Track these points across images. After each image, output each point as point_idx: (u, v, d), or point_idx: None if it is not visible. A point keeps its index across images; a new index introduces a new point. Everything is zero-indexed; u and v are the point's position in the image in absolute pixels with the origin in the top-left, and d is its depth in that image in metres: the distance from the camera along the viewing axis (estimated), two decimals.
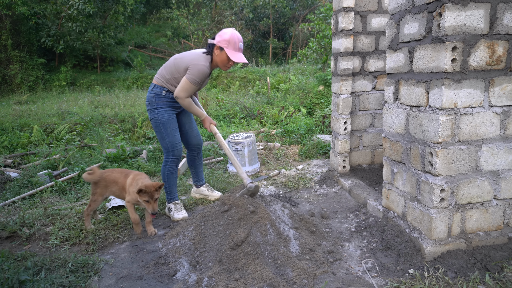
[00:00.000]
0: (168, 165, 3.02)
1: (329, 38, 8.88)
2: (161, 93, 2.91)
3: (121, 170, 2.84)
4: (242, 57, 2.80)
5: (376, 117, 3.90)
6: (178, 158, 3.03)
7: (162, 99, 2.92)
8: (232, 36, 2.76)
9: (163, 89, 2.91)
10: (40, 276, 2.13)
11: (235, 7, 16.02)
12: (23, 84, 12.90)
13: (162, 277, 2.18)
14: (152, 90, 2.93)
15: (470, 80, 2.03)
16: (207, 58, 2.84)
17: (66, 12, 13.04)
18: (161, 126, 2.92)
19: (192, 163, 3.36)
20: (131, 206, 2.65)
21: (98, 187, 2.78)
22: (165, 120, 2.92)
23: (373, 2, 3.64)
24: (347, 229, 2.73)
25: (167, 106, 2.94)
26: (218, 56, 2.83)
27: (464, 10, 1.94)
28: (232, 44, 2.76)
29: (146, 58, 16.66)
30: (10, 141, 5.82)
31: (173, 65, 2.87)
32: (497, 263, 2.06)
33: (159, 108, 2.92)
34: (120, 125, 7.25)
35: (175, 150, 2.98)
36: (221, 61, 2.84)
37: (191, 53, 2.88)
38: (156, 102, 2.91)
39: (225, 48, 2.76)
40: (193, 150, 3.29)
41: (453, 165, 2.10)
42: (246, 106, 8.02)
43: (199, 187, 3.45)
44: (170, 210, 3.06)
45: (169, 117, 2.94)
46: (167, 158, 3.01)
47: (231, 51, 2.77)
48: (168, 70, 2.89)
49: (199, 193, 3.45)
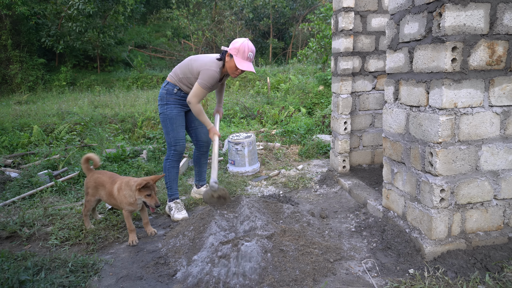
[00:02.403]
0: (169, 160, 3.08)
1: (329, 38, 8.88)
2: (172, 90, 3.03)
3: (111, 174, 2.79)
4: (249, 66, 2.86)
5: (376, 117, 3.90)
6: (180, 154, 3.09)
7: (173, 96, 3.04)
8: (243, 45, 2.83)
9: (175, 87, 3.03)
10: (40, 276, 2.13)
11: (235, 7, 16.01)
12: (23, 84, 12.90)
13: (162, 277, 2.18)
14: (165, 87, 3.06)
15: (470, 80, 2.03)
16: (219, 64, 2.93)
17: (66, 12, 13.05)
18: (168, 120, 3.03)
19: (197, 161, 3.42)
20: (129, 215, 2.60)
21: (89, 188, 2.77)
22: (172, 116, 3.03)
23: (373, 2, 3.64)
24: (347, 229, 2.73)
25: (177, 103, 3.06)
26: (228, 63, 2.92)
27: (464, 10, 1.94)
28: (241, 52, 2.83)
29: (146, 58, 16.67)
30: (10, 141, 5.83)
31: (187, 66, 2.99)
32: (497, 263, 2.06)
33: (169, 104, 3.04)
34: (120, 125, 7.25)
35: (178, 145, 3.05)
36: (230, 68, 2.93)
37: (205, 57, 2.99)
38: (167, 98, 3.04)
39: (234, 56, 2.85)
40: (201, 147, 3.35)
41: (453, 165, 2.10)
42: (246, 106, 8.02)
43: (200, 187, 3.47)
44: (170, 209, 3.07)
45: (177, 113, 3.05)
46: (169, 152, 3.08)
47: (239, 59, 2.85)
48: (182, 70, 3.01)
49: (199, 193, 3.46)
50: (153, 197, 2.54)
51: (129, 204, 2.57)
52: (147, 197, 2.53)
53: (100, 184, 2.73)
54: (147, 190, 2.52)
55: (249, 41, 2.88)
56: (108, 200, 2.70)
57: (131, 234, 2.62)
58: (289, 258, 2.17)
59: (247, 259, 2.13)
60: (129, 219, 2.60)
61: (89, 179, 2.79)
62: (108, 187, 2.68)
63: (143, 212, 2.73)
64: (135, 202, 2.56)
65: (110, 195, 2.66)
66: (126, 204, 2.57)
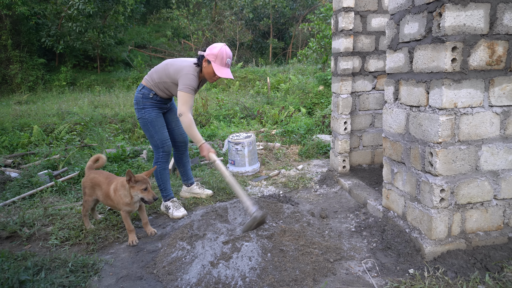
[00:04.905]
0: (159, 162, 3.06)
1: (329, 38, 8.88)
2: (148, 95, 2.98)
3: (107, 175, 2.78)
4: (227, 73, 2.85)
5: (376, 117, 3.90)
6: (168, 154, 3.08)
7: (149, 100, 3.00)
8: (221, 51, 2.80)
9: (151, 92, 2.98)
10: (40, 276, 2.13)
11: (235, 7, 16.02)
12: (23, 84, 12.90)
13: (161, 277, 2.18)
14: (141, 91, 3.00)
15: (470, 80, 2.03)
16: (196, 69, 2.88)
17: (66, 12, 13.05)
18: (149, 124, 3.00)
19: (179, 161, 3.40)
20: (127, 216, 2.60)
21: (86, 187, 2.77)
22: (152, 119, 2.99)
23: (373, 2, 3.64)
24: (347, 229, 2.73)
25: (154, 107, 3.02)
26: (205, 69, 2.89)
27: (464, 10, 1.94)
28: (219, 59, 2.81)
29: (146, 58, 16.67)
30: (10, 141, 5.83)
31: (164, 70, 2.93)
32: (497, 263, 2.06)
33: (146, 108, 3.00)
34: (120, 125, 7.25)
35: (165, 146, 3.04)
36: (207, 74, 2.90)
37: (182, 61, 2.94)
38: (143, 102, 2.99)
39: (212, 62, 2.82)
40: (179, 147, 3.33)
41: (453, 165, 2.10)
42: (246, 106, 8.02)
43: (190, 186, 3.46)
44: (168, 208, 3.08)
45: (156, 116, 3.01)
46: (158, 155, 3.06)
47: (218, 65, 2.83)
48: (158, 74, 2.95)
49: (190, 191, 3.45)
50: (149, 191, 2.55)
51: (126, 205, 2.57)
52: (143, 191, 2.53)
53: (96, 184, 2.73)
54: (141, 185, 2.52)
55: (226, 46, 2.87)
56: (105, 201, 2.70)
57: (131, 235, 2.62)
58: (289, 258, 2.17)
59: (247, 259, 2.13)
60: (127, 220, 2.60)
61: (86, 179, 2.78)
62: (105, 187, 2.68)
63: (142, 212, 2.73)
64: (131, 202, 2.56)
65: (106, 196, 2.66)
66: (123, 205, 2.57)
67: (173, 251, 2.37)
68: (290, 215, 2.75)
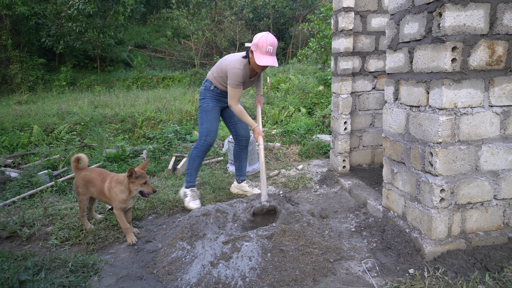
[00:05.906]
0: (197, 149, 3.22)
1: (329, 38, 8.88)
2: (210, 87, 3.23)
3: (100, 171, 2.77)
4: (267, 60, 2.87)
5: (376, 117, 3.90)
6: (209, 146, 3.23)
7: (210, 92, 3.23)
8: (261, 40, 2.86)
9: (212, 85, 3.23)
10: (40, 276, 2.13)
11: (235, 7, 16.01)
12: (23, 84, 12.91)
13: (161, 276, 2.18)
14: (204, 83, 3.28)
15: (470, 80, 2.03)
16: (243, 61, 3.01)
17: (66, 12, 13.06)
18: (203, 112, 3.22)
19: (237, 156, 3.52)
20: (121, 214, 2.58)
21: (78, 187, 2.74)
22: (208, 108, 3.21)
23: (373, 2, 3.64)
24: (347, 229, 2.73)
25: (213, 98, 3.24)
26: (251, 59, 2.98)
27: (464, 10, 1.94)
28: (260, 47, 2.87)
29: (146, 58, 16.68)
30: (10, 141, 5.83)
31: (219, 65, 3.15)
32: (497, 263, 2.06)
33: (206, 98, 3.24)
34: (120, 125, 7.26)
35: (209, 136, 3.19)
36: (253, 64, 2.99)
37: (232, 56, 3.10)
38: (205, 93, 3.25)
39: (254, 52, 2.90)
40: (241, 141, 3.46)
41: (453, 165, 2.10)
42: (246, 106, 8.02)
43: (241, 183, 3.56)
44: (186, 195, 3.19)
45: (213, 107, 3.22)
46: (200, 142, 3.22)
47: (258, 54, 2.88)
48: (216, 69, 3.18)
49: (239, 188, 3.55)
50: (148, 184, 2.57)
51: (121, 201, 2.55)
52: (143, 185, 2.55)
53: (89, 182, 2.71)
54: (141, 179, 2.53)
55: (269, 34, 2.89)
56: (99, 197, 2.70)
57: (128, 233, 2.62)
58: (289, 258, 2.17)
59: (247, 259, 2.13)
60: (121, 217, 2.57)
61: (78, 178, 2.76)
62: (99, 184, 2.66)
63: (128, 211, 2.71)
64: (128, 198, 2.55)
65: (101, 192, 2.65)
66: (118, 202, 2.55)
67: (173, 251, 2.37)
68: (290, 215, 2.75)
